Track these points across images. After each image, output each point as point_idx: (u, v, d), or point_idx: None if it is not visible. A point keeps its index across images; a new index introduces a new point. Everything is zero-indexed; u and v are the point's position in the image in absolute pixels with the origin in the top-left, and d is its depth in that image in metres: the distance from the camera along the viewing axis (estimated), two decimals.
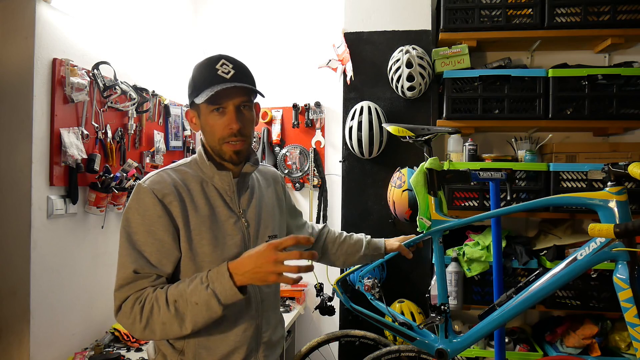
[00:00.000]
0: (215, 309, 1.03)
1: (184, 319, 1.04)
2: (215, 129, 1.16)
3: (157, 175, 1.16)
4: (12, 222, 1.79)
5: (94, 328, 2.14)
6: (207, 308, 1.03)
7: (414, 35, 2.54)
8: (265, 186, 1.35)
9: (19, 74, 1.80)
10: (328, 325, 2.88)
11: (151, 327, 1.06)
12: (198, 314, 1.03)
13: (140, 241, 1.10)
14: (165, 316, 1.04)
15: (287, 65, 3.05)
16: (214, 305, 1.03)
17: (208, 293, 1.02)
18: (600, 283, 2.19)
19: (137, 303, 1.06)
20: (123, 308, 1.08)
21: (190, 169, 1.22)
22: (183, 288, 1.05)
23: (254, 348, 1.21)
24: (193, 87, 1.17)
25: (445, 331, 1.51)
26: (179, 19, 3.00)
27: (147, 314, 1.05)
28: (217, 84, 1.12)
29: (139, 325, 1.06)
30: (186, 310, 1.04)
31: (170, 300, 1.05)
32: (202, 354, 1.15)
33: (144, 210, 1.11)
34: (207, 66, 1.16)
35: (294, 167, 2.99)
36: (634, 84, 2.23)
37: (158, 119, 2.64)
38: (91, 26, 2.14)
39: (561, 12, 2.30)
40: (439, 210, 1.55)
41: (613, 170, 1.19)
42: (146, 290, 1.08)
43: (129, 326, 1.08)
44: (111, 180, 2.08)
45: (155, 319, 1.05)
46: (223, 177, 1.20)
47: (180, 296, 1.05)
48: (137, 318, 1.06)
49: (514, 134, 2.55)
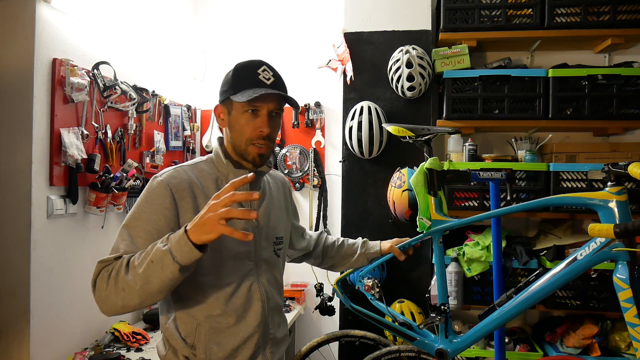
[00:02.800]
0: (171, 267, 0.99)
1: (138, 277, 1.01)
2: (246, 128, 1.20)
3: (174, 171, 1.21)
4: (12, 222, 1.79)
5: (94, 328, 2.15)
6: (162, 266, 0.99)
7: (414, 35, 2.54)
8: (275, 189, 1.40)
9: (19, 74, 1.80)
10: (328, 325, 2.88)
11: (113, 298, 1.03)
12: (153, 273, 1.00)
13: (139, 228, 1.11)
14: (124, 281, 1.02)
15: (287, 65, 3.02)
16: (168, 263, 0.99)
17: (164, 250, 1.00)
18: (600, 283, 2.19)
19: (105, 273, 1.05)
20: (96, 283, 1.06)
21: (206, 166, 1.26)
22: (145, 250, 1.04)
23: (261, 344, 1.25)
24: (231, 84, 1.21)
25: (445, 331, 1.51)
26: (179, 19, 3.00)
27: (111, 283, 1.03)
28: (258, 87, 1.18)
29: (104, 297, 1.04)
30: (140, 270, 1.01)
31: (131, 265, 1.03)
32: (213, 348, 1.18)
33: (152, 200, 1.14)
34: (249, 68, 1.21)
35: (294, 167, 2.99)
36: (634, 84, 2.23)
37: (158, 119, 2.64)
38: (91, 26, 2.14)
39: (561, 12, 2.30)
40: (439, 210, 1.55)
41: (613, 170, 1.19)
42: (113, 263, 1.07)
43: (97, 300, 1.06)
44: (111, 180, 2.08)
45: (118, 285, 1.02)
46: (239, 175, 1.22)
47: (139, 258, 1.03)
48: (102, 289, 1.04)
49: (514, 134, 2.55)
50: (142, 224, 1.12)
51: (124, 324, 2.22)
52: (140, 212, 1.13)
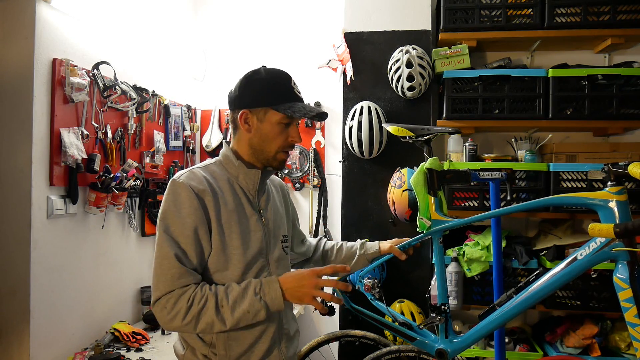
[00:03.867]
0: (262, 316, 1.15)
1: (229, 322, 1.13)
2: (280, 138, 1.26)
3: (190, 172, 1.23)
4: (12, 222, 1.79)
5: (94, 328, 2.15)
6: (254, 316, 1.14)
7: (414, 35, 2.54)
8: (275, 192, 1.44)
9: (19, 74, 1.80)
10: (328, 325, 2.88)
11: (193, 324, 1.13)
12: (245, 320, 1.14)
13: (177, 232, 1.15)
14: (212, 318, 1.12)
15: (287, 65, 2.98)
16: (261, 314, 1.14)
17: (261, 304, 1.14)
18: (600, 283, 2.19)
19: (183, 300, 1.12)
20: (162, 301, 1.12)
21: (217, 168, 1.29)
22: (235, 296, 1.14)
23: (277, 339, 1.28)
24: (268, 93, 1.24)
25: (446, 331, 1.51)
26: (179, 19, 3.00)
27: (194, 313, 1.12)
28: (296, 101, 1.26)
29: (180, 321, 1.12)
30: (233, 315, 1.13)
31: (220, 305, 1.13)
32: (232, 345, 1.22)
33: (180, 204, 1.17)
34: (283, 79, 1.28)
35: (294, 167, 2.98)
36: (634, 84, 2.23)
37: (158, 119, 2.64)
38: (91, 26, 2.14)
39: (561, 12, 2.30)
40: (439, 210, 1.55)
41: (613, 170, 1.19)
42: (190, 287, 1.14)
43: (166, 320, 1.13)
44: (111, 180, 2.08)
45: (202, 319, 1.12)
46: (250, 175, 1.27)
47: (232, 302, 1.14)
48: (180, 314, 1.11)
49: (514, 134, 2.55)
50: (180, 229, 1.15)
51: (124, 324, 2.22)
52: (174, 216, 1.16)
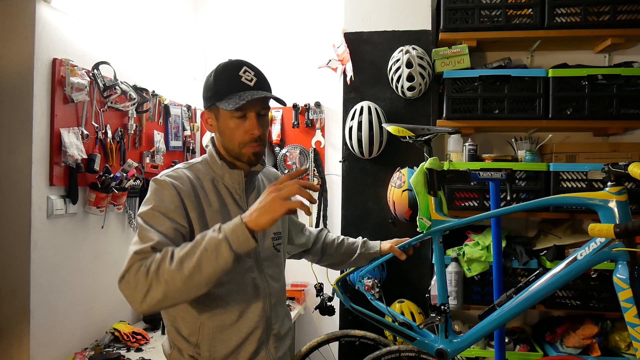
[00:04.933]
0: (226, 255, 0.98)
1: (188, 266, 0.98)
2: (236, 133, 1.19)
3: (173, 171, 1.21)
4: (12, 222, 1.79)
5: (94, 328, 2.14)
6: (216, 255, 0.98)
7: (414, 35, 2.54)
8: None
9: (19, 74, 1.80)
10: (328, 325, 2.89)
11: (153, 291, 0.98)
12: (206, 262, 0.98)
13: (157, 222, 1.09)
14: (169, 272, 0.98)
15: (287, 65, 3.04)
16: (223, 251, 0.98)
17: (219, 239, 0.99)
18: (600, 283, 2.19)
19: (142, 267, 1.00)
20: (126, 276, 1.01)
21: (202, 166, 1.26)
22: (194, 240, 1.02)
23: (264, 339, 1.25)
24: (215, 90, 1.19)
25: (445, 331, 1.51)
26: (179, 19, 3.00)
27: (151, 276, 0.98)
28: (242, 90, 1.16)
29: (140, 291, 0.98)
30: (192, 259, 0.98)
31: (177, 255, 0.99)
32: (217, 346, 1.19)
33: (162, 194, 1.14)
34: (229, 71, 1.19)
35: (294, 167, 2.98)
36: (634, 84, 2.23)
37: (158, 119, 2.64)
38: (91, 26, 2.14)
39: (561, 12, 2.30)
40: (439, 210, 1.55)
41: (613, 170, 1.19)
42: (152, 255, 1.02)
43: (131, 294, 1.00)
44: (111, 180, 2.08)
45: (161, 277, 0.98)
46: (234, 175, 1.24)
47: (184, 248, 1.00)
48: (139, 282, 0.99)
49: (514, 134, 2.55)
50: (160, 215, 1.10)
51: (124, 324, 2.22)
52: (154, 204, 1.11)
